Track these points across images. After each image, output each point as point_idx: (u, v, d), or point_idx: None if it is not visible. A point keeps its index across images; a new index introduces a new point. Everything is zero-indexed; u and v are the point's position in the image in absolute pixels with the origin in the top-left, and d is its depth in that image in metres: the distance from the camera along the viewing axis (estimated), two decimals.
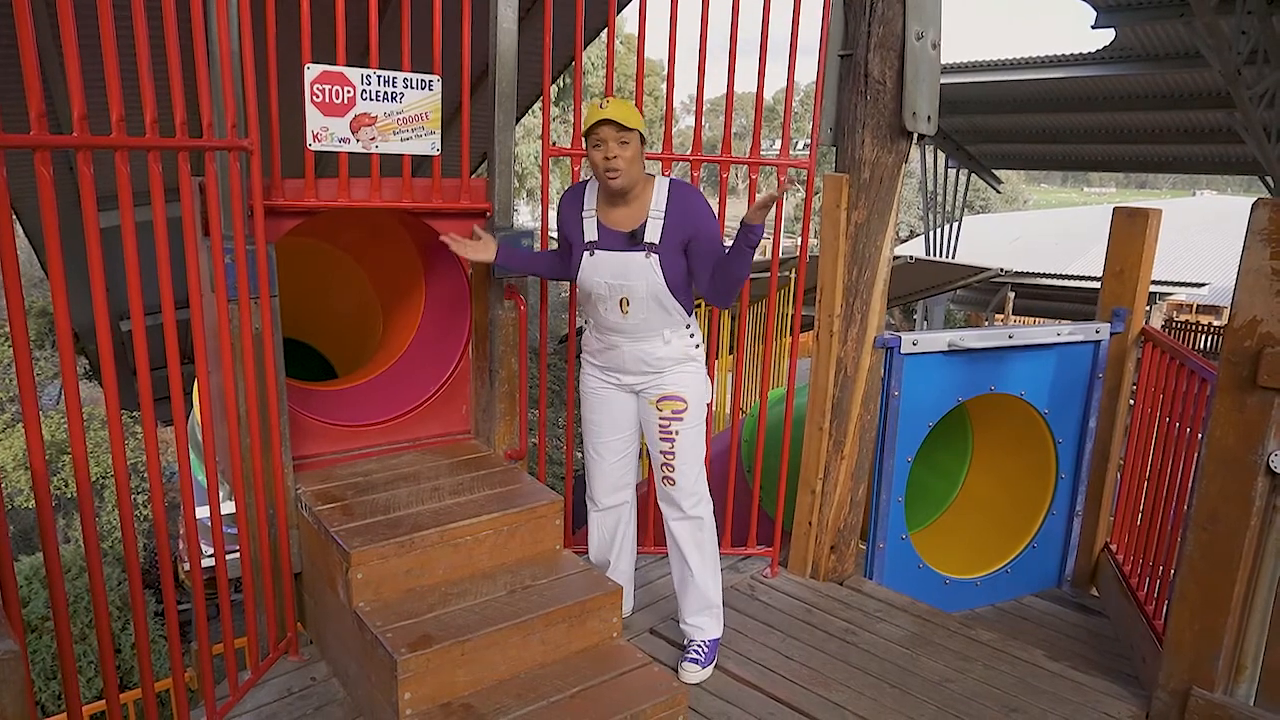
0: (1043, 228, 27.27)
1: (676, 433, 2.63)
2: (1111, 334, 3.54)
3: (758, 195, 3.18)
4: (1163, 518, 3.12)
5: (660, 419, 2.63)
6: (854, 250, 3.07)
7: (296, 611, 2.73)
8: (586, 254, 2.55)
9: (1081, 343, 3.51)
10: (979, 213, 34.50)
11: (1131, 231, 3.46)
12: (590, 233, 2.55)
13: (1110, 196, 60.62)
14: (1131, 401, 3.62)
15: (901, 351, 3.17)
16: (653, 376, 2.63)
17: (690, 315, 2.61)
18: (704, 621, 2.76)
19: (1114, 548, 3.67)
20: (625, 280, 2.49)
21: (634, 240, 2.48)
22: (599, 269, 2.53)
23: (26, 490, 8.77)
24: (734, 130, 3.13)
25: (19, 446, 8.99)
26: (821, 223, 3.10)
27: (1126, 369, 3.57)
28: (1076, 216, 29.57)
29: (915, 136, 3.00)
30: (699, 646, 2.73)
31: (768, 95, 3.12)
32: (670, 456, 2.65)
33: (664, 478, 2.68)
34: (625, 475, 2.82)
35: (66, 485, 8.70)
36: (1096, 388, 3.58)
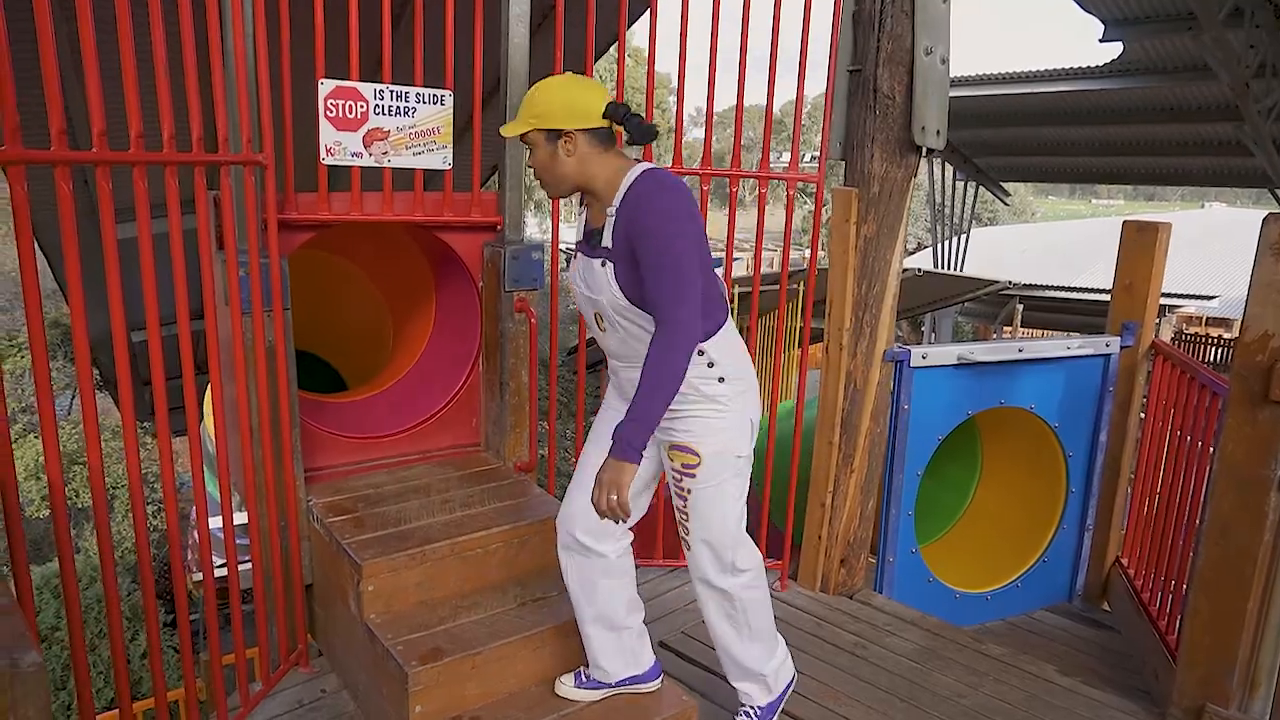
0: (1051, 240, 27.23)
1: (689, 491, 2.10)
2: (1122, 347, 3.54)
3: (766, 208, 3.19)
4: (1174, 532, 3.10)
5: (672, 470, 2.13)
6: (863, 264, 3.08)
7: (307, 623, 2.73)
8: (572, 257, 2.18)
9: (1091, 356, 3.51)
10: (986, 224, 34.47)
11: (1141, 245, 3.47)
12: (579, 231, 2.16)
13: (1119, 208, 60.56)
14: (1142, 415, 3.61)
15: (911, 365, 3.17)
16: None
17: (703, 339, 2.01)
18: (750, 689, 2.36)
19: (1125, 562, 3.65)
20: (590, 291, 2.06)
21: (595, 243, 2.04)
22: (575, 275, 2.13)
23: (38, 500, 8.82)
24: (742, 142, 3.14)
25: (30, 457, 9.05)
26: (830, 237, 3.11)
27: (1137, 382, 3.56)
28: (1085, 229, 29.53)
29: (924, 151, 3.01)
30: (748, 711, 2.38)
31: (776, 107, 3.13)
32: (684, 517, 2.16)
33: (681, 538, 2.23)
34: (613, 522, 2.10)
35: (77, 495, 8.74)
36: (1107, 401, 3.57)
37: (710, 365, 2.03)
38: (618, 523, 2.06)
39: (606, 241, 1.99)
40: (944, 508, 3.98)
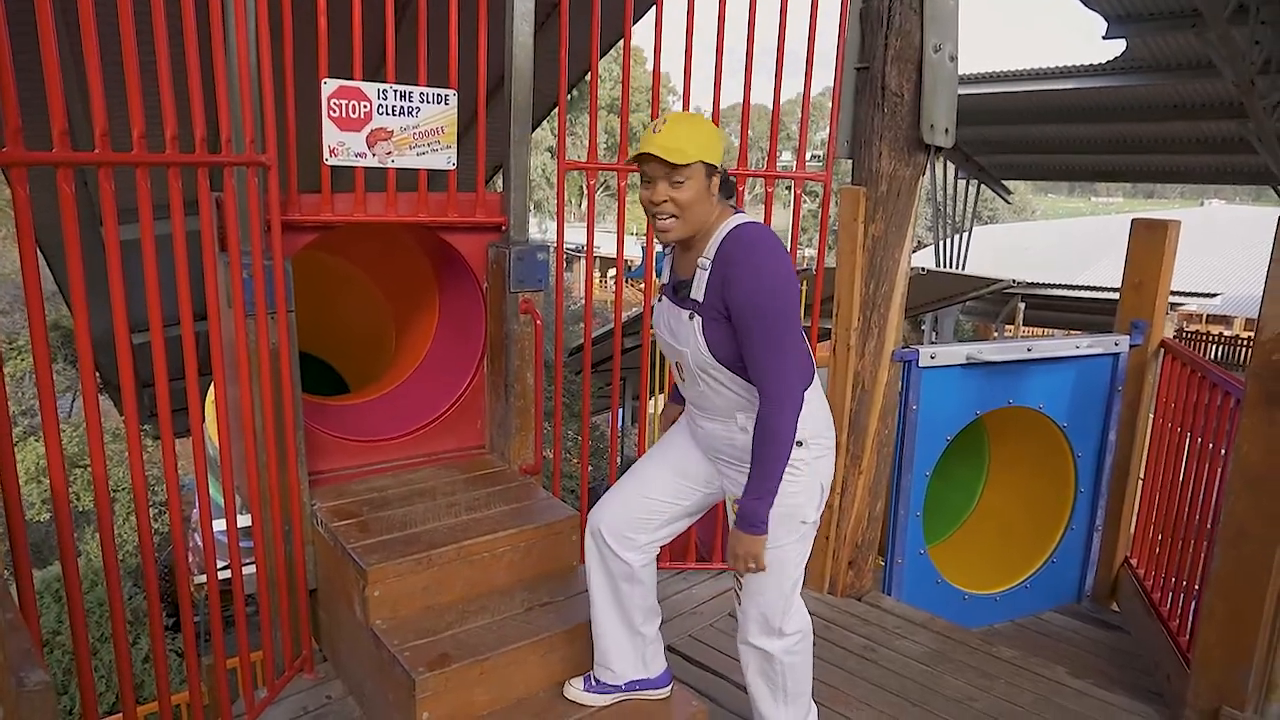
0: (1051, 238, 27.24)
1: None
2: (1131, 346, 3.51)
3: (772, 212, 3.16)
4: (1185, 532, 3.08)
5: (735, 523, 2.02)
6: (871, 264, 3.05)
7: (311, 628, 2.71)
8: (658, 299, 2.11)
9: (1100, 355, 3.49)
10: (986, 223, 34.44)
11: (1151, 243, 3.44)
12: (665, 274, 2.09)
13: (1118, 206, 60.53)
14: (1151, 414, 3.59)
15: (920, 365, 3.15)
16: (734, 468, 2.04)
17: None
18: None
19: (1134, 562, 3.62)
20: (675, 341, 1.99)
21: (682, 293, 1.97)
22: (659, 320, 2.06)
23: (38, 504, 8.79)
24: (745, 140, 3.11)
25: (30, 460, 9.02)
26: (838, 236, 3.09)
27: (1146, 381, 3.54)
28: (1085, 227, 29.55)
29: (933, 149, 2.99)
30: None
31: (781, 105, 3.10)
32: (739, 573, 2.05)
33: (734, 589, 2.15)
34: (645, 524, 2.18)
35: (78, 499, 8.71)
36: (1116, 400, 3.55)
37: None
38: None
39: (697, 294, 1.91)
40: (951, 508, 3.96)
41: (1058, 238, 27.09)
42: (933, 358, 3.17)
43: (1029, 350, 3.34)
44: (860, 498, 3.23)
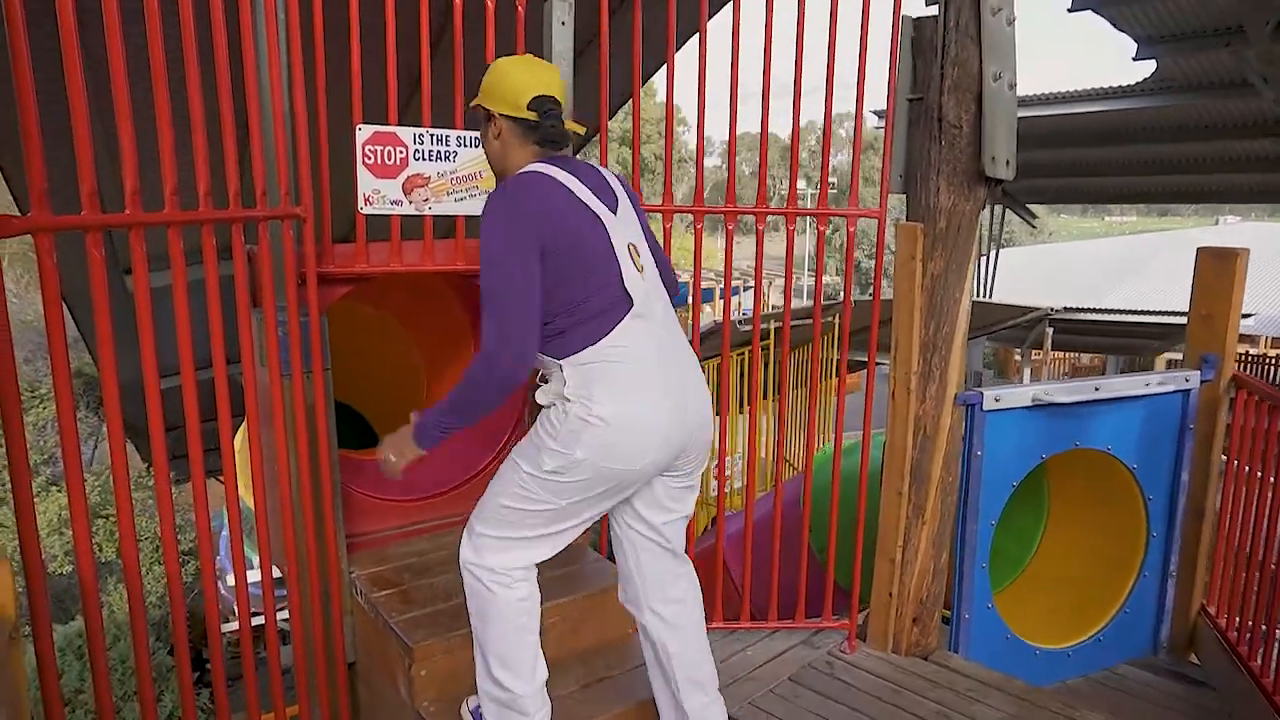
0: (1073, 260, 27.00)
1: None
2: (1202, 382, 3.33)
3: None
4: (1277, 577, 2.87)
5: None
6: (931, 303, 2.90)
7: (350, 704, 2.54)
8: None
9: (1171, 393, 3.30)
10: (1004, 246, 34.25)
11: (1220, 273, 3.27)
12: None
13: (1131, 225, 60.16)
14: (1224, 456, 3.40)
15: (984, 409, 2.98)
16: None
17: (559, 358, 1.86)
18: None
19: (1213, 610, 3.41)
20: None
21: None
22: None
23: (60, 555, 8.66)
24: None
25: (52, 511, 8.91)
26: (895, 275, 2.94)
27: (1219, 418, 3.35)
28: (1106, 248, 29.30)
29: (993, 183, 2.84)
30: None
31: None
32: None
33: None
34: (630, 576, 2.16)
35: (100, 550, 8.58)
36: (1188, 439, 3.36)
37: (564, 384, 1.85)
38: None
39: None
40: (1006, 557, 3.76)
41: (1079, 260, 26.84)
42: (997, 400, 3.00)
43: (1096, 389, 3.17)
44: (924, 550, 3.04)
